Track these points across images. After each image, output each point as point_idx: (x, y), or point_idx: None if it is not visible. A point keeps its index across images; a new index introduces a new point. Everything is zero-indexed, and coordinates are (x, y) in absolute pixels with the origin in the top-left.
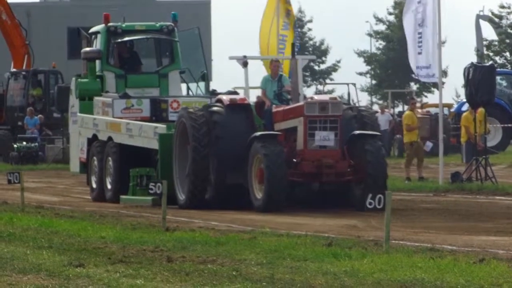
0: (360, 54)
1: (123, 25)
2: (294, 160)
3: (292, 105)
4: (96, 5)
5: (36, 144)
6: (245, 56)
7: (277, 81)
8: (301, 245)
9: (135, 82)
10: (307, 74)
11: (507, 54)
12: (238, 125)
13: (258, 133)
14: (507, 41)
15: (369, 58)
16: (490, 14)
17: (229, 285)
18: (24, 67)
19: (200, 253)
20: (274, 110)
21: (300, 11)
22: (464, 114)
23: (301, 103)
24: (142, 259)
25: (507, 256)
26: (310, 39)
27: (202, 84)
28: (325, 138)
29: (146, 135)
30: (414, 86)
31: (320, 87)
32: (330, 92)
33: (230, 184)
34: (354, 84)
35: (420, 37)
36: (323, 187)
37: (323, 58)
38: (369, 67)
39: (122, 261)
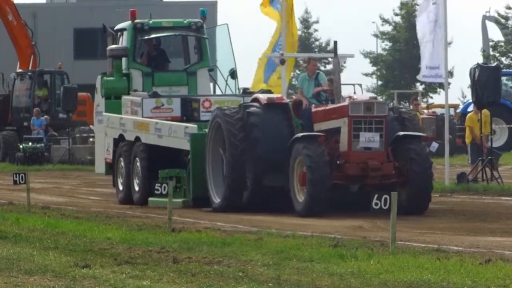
0: (366, 55)
1: (150, 22)
2: (338, 162)
3: (334, 105)
4: (102, 5)
5: (42, 144)
6: (282, 54)
7: (314, 79)
8: (307, 246)
9: (163, 80)
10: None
11: None
12: (276, 125)
13: (300, 134)
14: None
15: (375, 59)
16: (496, 15)
17: (235, 286)
18: (30, 68)
19: (206, 254)
20: (313, 109)
21: (306, 11)
22: (469, 114)
23: (345, 103)
24: (148, 260)
25: None
26: (316, 39)
27: (230, 82)
28: (370, 139)
29: (176, 135)
30: (420, 87)
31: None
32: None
33: (268, 187)
34: (360, 85)
35: (433, 38)
36: (362, 189)
37: (329, 59)
38: (375, 68)
39: (128, 262)
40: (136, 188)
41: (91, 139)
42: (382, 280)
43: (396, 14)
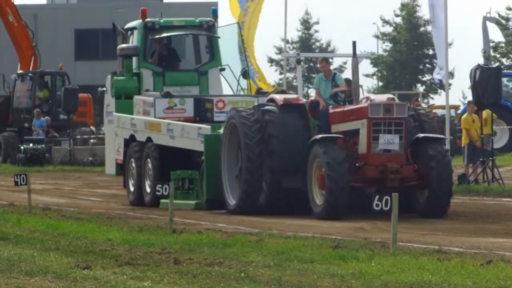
0: (367, 56)
1: (161, 21)
2: (357, 164)
3: (352, 106)
4: (103, 6)
5: (43, 145)
6: (298, 54)
7: (331, 80)
8: (308, 247)
9: (174, 80)
10: (313, 75)
11: None
12: (293, 126)
13: (319, 136)
14: None
15: (375, 60)
16: (497, 16)
17: (236, 287)
18: (30, 69)
19: (207, 255)
20: (331, 110)
21: (307, 13)
22: (464, 116)
23: (364, 104)
24: (149, 261)
25: None
26: (317, 40)
27: (242, 82)
28: (389, 141)
29: (188, 136)
30: (420, 88)
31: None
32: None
33: (285, 189)
34: (361, 86)
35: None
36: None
37: (330, 60)
38: (375, 69)
39: (129, 263)
40: (148, 190)
41: (91, 140)
42: (383, 281)
43: (397, 15)
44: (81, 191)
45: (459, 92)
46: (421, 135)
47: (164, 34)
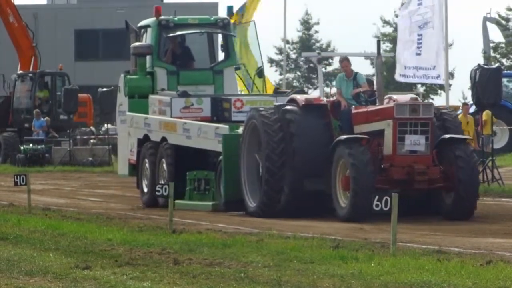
0: (367, 56)
1: (176, 19)
2: (382, 166)
3: (377, 106)
4: (103, 6)
5: (43, 146)
6: (319, 53)
7: (352, 80)
8: (307, 248)
9: (188, 79)
10: (314, 76)
11: None
12: (315, 127)
13: (343, 137)
14: None
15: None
16: (497, 17)
17: (236, 287)
18: (31, 69)
19: (207, 256)
20: (354, 111)
21: (307, 13)
22: (459, 117)
23: (389, 104)
24: (149, 261)
25: None
26: (317, 41)
27: (258, 81)
28: (415, 142)
29: (205, 136)
30: (421, 89)
31: (327, 89)
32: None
33: (307, 191)
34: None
35: (420, 39)
36: (402, 193)
37: (330, 60)
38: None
39: (129, 263)
40: None
41: (91, 141)
42: (382, 281)
43: (397, 16)
44: (81, 192)
45: (459, 92)
46: (447, 136)
47: (179, 32)
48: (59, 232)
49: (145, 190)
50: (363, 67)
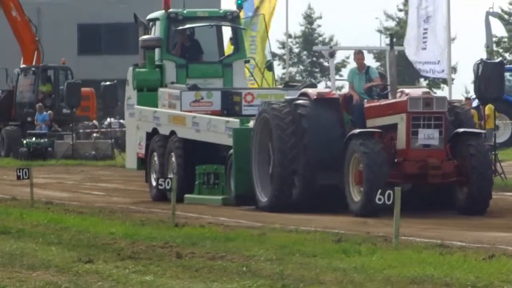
0: (370, 50)
1: (185, 12)
2: (395, 160)
3: (390, 100)
4: (106, 1)
5: (46, 140)
6: (331, 47)
7: (364, 73)
8: (310, 241)
9: (197, 72)
10: (317, 70)
11: None
12: (327, 121)
13: (357, 130)
14: None
15: (379, 55)
16: (499, 11)
17: (238, 281)
18: (33, 63)
19: (209, 249)
20: (366, 105)
21: (309, 7)
22: None
23: (402, 98)
24: (152, 255)
25: None
26: (320, 35)
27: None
28: (429, 136)
29: (215, 129)
30: (424, 83)
31: (329, 83)
32: (340, 88)
33: (320, 185)
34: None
35: (426, 33)
36: (414, 188)
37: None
38: (378, 63)
39: (131, 257)
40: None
41: (94, 134)
42: (385, 275)
43: (400, 10)
44: (84, 185)
45: (462, 87)
46: (461, 130)
47: (188, 25)
48: (62, 226)
49: (154, 184)
50: (366, 60)
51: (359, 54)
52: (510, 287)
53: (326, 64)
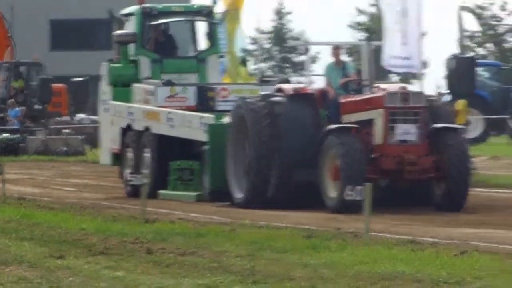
0: (346, 45)
1: (159, 6)
2: (372, 155)
3: (367, 95)
4: None
5: (18, 135)
6: (306, 42)
7: (341, 69)
8: (280, 237)
9: (172, 67)
10: (288, 65)
11: (490, 45)
12: (303, 117)
13: (334, 126)
14: (490, 32)
15: (350, 50)
16: (472, 6)
17: (209, 277)
18: (6, 59)
19: (180, 245)
20: (342, 100)
21: (280, 3)
22: None
23: (380, 93)
24: (123, 250)
25: (489, 248)
26: (290, 30)
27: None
28: (406, 131)
29: (190, 125)
30: (395, 78)
31: (301, 79)
32: (310, 84)
33: (296, 181)
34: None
35: (396, 28)
36: (392, 183)
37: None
38: (351, 58)
39: (102, 252)
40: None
41: (66, 130)
42: (356, 271)
43: (372, 5)
44: (55, 181)
45: (434, 82)
46: (439, 125)
47: (162, 20)
48: (34, 221)
49: (128, 180)
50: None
51: (337, 49)
52: (482, 283)
53: (296, 59)
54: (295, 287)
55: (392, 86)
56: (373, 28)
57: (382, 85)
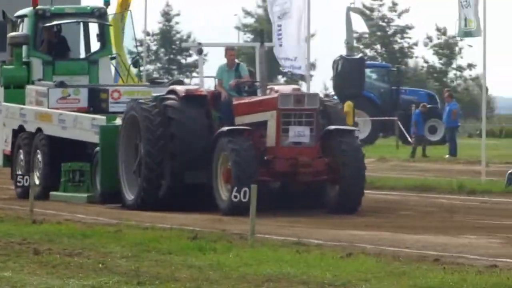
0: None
1: (52, 8)
2: (265, 158)
3: (260, 97)
4: None
5: None
6: (200, 43)
7: (234, 70)
8: (166, 239)
9: (64, 69)
10: (174, 67)
11: (378, 46)
12: (196, 119)
13: (225, 128)
14: (378, 33)
15: (237, 52)
16: (361, 7)
17: (94, 278)
18: None
19: (66, 246)
20: (235, 102)
21: (167, 4)
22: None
23: (273, 95)
24: (10, 251)
25: (375, 250)
26: (178, 32)
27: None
28: (300, 133)
29: (82, 127)
30: (281, 79)
31: (187, 81)
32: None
33: (187, 184)
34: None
35: (280, 29)
36: (285, 186)
37: (190, 52)
38: (237, 60)
39: None
40: (37, 182)
41: None
42: (241, 273)
43: (259, 6)
44: None
45: (321, 83)
46: (332, 127)
47: (55, 22)
48: None
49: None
50: (221, 58)
51: (231, 51)
52: (368, 285)
53: (183, 61)
54: None
55: (286, 87)
56: (259, 29)
57: (276, 87)
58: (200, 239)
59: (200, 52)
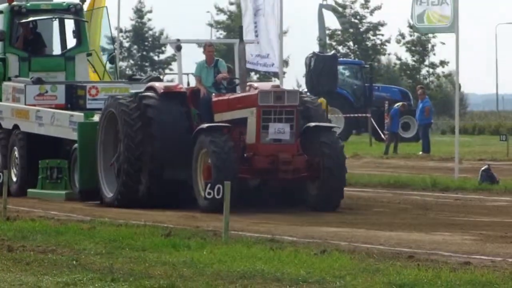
0: (200, 44)
1: (28, 4)
2: (245, 155)
3: (240, 94)
4: None
5: None
6: (178, 40)
7: (213, 67)
8: (139, 235)
9: (40, 65)
10: (147, 64)
11: (351, 43)
12: (175, 116)
13: (205, 125)
14: (351, 30)
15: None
16: (333, 3)
17: (68, 275)
18: None
19: (40, 243)
20: (214, 99)
21: (140, 1)
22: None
23: (253, 92)
24: None
25: (348, 247)
26: (150, 29)
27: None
28: (280, 131)
29: (59, 123)
30: (254, 76)
31: (161, 77)
32: (169, 82)
33: (168, 181)
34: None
35: (256, 26)
36: (266, 183)
37: (163, 48)
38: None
39: None
40: (14, 179)
41: None
42: (215, 270)
43: (231, 3)
44: None
45: (294, 80)
46: (312, 124)
47: (31, 18)
48: None
49: None
50: (197, 54)
51: (210, 47)
52: (342, 282)
53: (156, 58)
54: (154, 285)
55: (265, 84)
56: (231, 26)
57: (255, 84)
58: (174, 236)
59: (179, 48)
